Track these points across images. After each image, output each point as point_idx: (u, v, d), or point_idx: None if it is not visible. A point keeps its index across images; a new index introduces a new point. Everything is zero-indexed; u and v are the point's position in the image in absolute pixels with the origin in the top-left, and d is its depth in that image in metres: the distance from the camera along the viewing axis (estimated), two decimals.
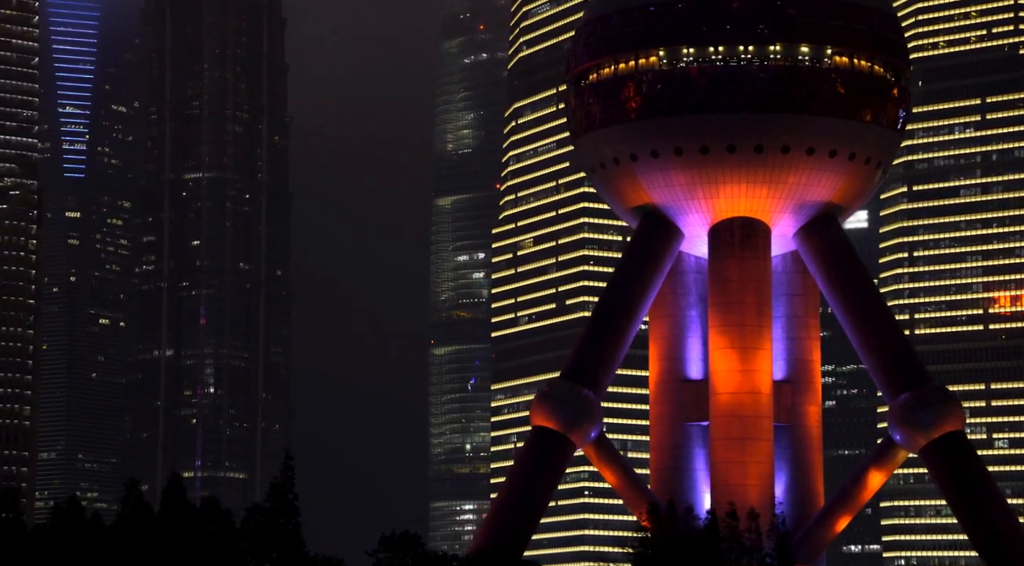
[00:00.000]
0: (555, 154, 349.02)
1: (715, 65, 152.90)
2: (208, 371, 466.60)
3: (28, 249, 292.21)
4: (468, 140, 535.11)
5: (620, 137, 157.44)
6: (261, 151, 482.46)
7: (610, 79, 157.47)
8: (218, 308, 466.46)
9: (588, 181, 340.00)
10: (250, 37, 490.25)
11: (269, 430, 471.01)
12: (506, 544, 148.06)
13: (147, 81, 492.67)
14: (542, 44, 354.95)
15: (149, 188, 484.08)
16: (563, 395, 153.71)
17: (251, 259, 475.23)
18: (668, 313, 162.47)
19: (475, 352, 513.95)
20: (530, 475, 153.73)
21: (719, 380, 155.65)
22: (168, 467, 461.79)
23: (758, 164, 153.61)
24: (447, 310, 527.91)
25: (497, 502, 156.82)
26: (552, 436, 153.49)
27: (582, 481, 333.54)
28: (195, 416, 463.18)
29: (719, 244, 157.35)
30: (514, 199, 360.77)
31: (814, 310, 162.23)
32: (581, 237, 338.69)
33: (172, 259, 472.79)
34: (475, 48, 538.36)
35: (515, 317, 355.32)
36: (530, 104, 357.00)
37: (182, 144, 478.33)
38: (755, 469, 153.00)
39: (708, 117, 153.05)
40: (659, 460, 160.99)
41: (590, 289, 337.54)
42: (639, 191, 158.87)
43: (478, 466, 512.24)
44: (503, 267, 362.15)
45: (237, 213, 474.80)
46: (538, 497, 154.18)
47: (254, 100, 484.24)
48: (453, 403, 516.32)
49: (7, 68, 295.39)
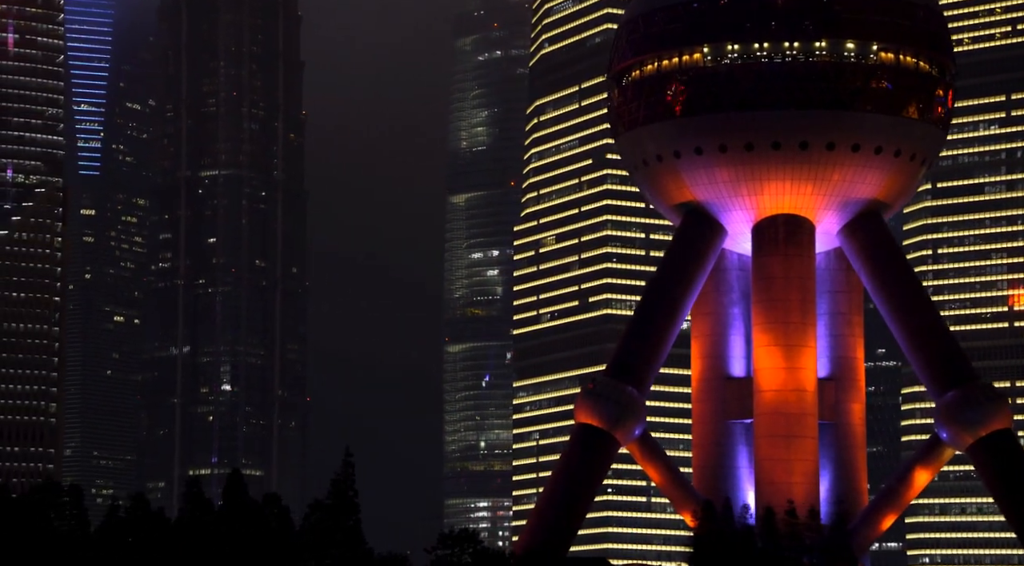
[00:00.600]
0: (577, 152, 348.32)
1: (760, 62, 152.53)
2: (224, 368, 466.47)
3: (53, 247, 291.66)
4: (482, 137, 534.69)
5: (663, 134, 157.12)
6: (277, 148, 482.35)
7: (653, 76, 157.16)
8: (234, 305, 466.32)
9: (611, 179, 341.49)
10: (266, 35, 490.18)
11: (285, 427, 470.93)
12: (551, 542, 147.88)
13: (163, 78, 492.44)
14: (564, 41, 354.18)
15: (165, 186, 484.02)
16: (607, 393, 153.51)
17: (267, 256, 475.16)
18: (710, 310, 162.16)
19: (490, 349, 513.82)
20: (575, 473, 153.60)
21: (763, 378, 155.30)
22: (185, 464, 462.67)
23: (803, 161, 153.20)
24: (461, 307, 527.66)
25: (542, 500, 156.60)
26: (596, 434, 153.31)
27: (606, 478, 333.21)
28: (211, 413, 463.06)
29: (763, 241, 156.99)
30: (536, 196, 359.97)
31: (857, 307, 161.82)
32: (604, 235, 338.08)
33: (188, 256, 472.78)
34: (489, 46, 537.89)
35: (537, 314, 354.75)
36: (552, 101, 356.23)
37: (198, 142, 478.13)
38: (800, 467, 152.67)
39: (753, 114, 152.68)
40: (702, 458, 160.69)
41: (613, 286, 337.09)
42: (682, 188, 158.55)
43: (493, 463, 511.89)
44: (525, 265, 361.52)
45: (253, 210, 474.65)
46: (583, 495, 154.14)
47: (270, 98, 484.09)
48: (468, 400, 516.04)
49: (32, 66, 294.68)
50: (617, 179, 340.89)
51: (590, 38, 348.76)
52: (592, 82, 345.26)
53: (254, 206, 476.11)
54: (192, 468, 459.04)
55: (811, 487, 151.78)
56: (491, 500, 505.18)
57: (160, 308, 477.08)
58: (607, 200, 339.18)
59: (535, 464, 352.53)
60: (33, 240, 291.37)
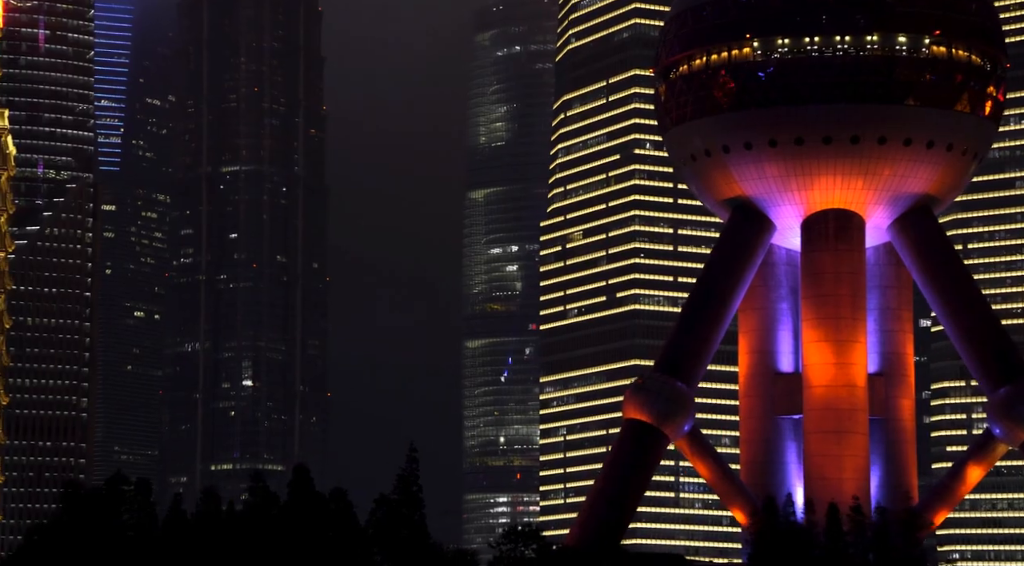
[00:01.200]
0: (605, 147, 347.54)
1: (810, 55, 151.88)
2: (246, 364, 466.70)
3: (84, 242, 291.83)
4: (501, 133, 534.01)
5: (712, 129, 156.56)
6: (298, 144, 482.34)
7: (702, 70, 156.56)
8: (255, 301, 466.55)
9: (639, 174, 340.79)
10: (286, 30, 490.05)
11: (306, 423, 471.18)
12: (602, 536, 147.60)
13: (184, 74, 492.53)
14: (591, 36, 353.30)
15: (186, 181, 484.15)
16: (656, 388, 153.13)
17: (288, 252, 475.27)
18: (758, 306, 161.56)
19: (509, 345, 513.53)
20: (624, 468, 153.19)
21: (813, 373, 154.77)
22: (206, 460, 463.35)
23: (854, 155, 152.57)
24: (480, 303, 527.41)
25: (592, 495, 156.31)
26: (646, 429, 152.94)
27: None
28: (233, 409, 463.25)
29: (812, 236, 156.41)
30: (563, 192, 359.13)
31: (907, 303, 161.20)
32: (632, 230, 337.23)
33: (210, 252, 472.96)
34: (508, 41, 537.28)
35: (564, 310, 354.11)
36: (579, 97, 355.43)
37: (219, 137, 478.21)
38: (851, 463, 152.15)
39: (803, 108, 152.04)
40: (750, 454, 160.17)
41: (641, 282, 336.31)
42: (731, 183, 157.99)
43: (512, 458, 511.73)
44: (551, 260, 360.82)
45: (274, 206, 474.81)
46: (633, 490, 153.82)
47: (291, 93, 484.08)
48: (486, 396, 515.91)
49: (63, 62, 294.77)
50: (645, 174, 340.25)
51: (617, 33, 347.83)
52: (620, 77, 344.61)
53: (275, 202, 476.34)
54: (214, 464, 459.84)
55: (862, 483, 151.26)
56: (511, 495, 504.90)
57: (182, 303, 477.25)
58: (635, 195, 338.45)
59: (563, 460, 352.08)
60: (64, 236, 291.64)
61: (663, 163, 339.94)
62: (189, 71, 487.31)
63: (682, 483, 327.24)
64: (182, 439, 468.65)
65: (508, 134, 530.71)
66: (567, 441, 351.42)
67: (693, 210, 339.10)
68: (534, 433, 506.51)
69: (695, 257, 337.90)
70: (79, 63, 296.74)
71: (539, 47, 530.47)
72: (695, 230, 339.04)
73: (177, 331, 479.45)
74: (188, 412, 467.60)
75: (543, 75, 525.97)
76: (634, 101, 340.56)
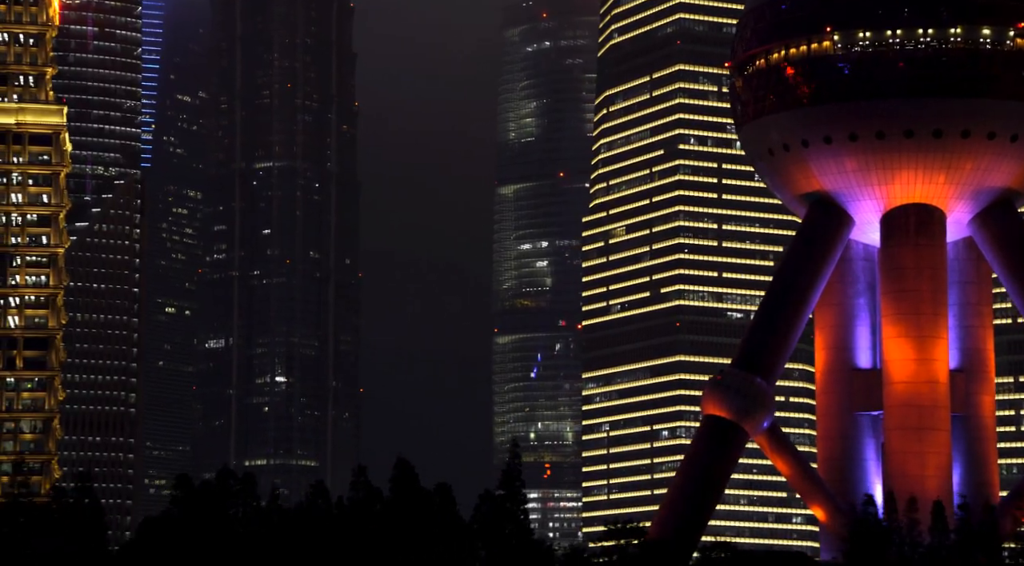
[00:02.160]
0: (648, 142, 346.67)
1: (892, 49, 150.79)
2: (279, 359, 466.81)
3: (132, 238, 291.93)
4: (531, 129, 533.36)
5: (791, 123, 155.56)
6: (331, 140, 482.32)
7: (780, 65, 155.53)
8: (288, 296, 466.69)
9: (683, 169, 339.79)
10: (319, 26, 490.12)
11: (339, 418, 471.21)
12: (682, 533, 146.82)
13: (217, 71, 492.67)
14: (634, 32, 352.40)
15: (219, 177, 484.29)
16: (735, 384, 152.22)
17: (321, 248, 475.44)
18: (836, 301, 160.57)
19: (538, 340, 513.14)
20: (704, 465, 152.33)
21: (894, 369, 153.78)
22: (240, 455, 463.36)
23: (936, 149, 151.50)
24: (510, 299, 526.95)
25: (671, 492, 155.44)
26: (725, 426, 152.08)
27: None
28: (266, 404, 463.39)
29: (892, 231, 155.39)
30: (605, 187, 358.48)
31: (988, 298, 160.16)
32: (676, 225, 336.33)
33: (243, 248, 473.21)
34: (538, 36, 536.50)
35: (606, 306, 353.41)
36: (621, 92, 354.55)
37: (252, 133, 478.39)
38: (933, 460, 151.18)
39: (885, 102, 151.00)
40: (827, 450, 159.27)
41: (685, 277, 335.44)
42: (809, 178, 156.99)
43: (543, 454, 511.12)
44: (593, 256, 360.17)
45: (307, 202, 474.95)
46: (712, 488, 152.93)
47: (323, 89, 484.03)
48: (516, 392, 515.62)
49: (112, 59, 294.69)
50: (689, 169, 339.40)
51: (661, 28, 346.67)
52: (664, 72, 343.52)
53: (308, 197, 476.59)
54: (247, 459, 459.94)
55: (944, 480, 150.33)
56: (541, 491, 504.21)
57: (215, 299, 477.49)
58: (679, 191, 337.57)
59: (605, 456, 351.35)
60: (112, 232, 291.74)
61: (707, 158, 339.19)
62: (222, 67, 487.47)
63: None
64: (215, 435, 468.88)
65: (538, 130, 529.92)
66: (610, 437, 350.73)
67: (737, 205, 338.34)
68: (564, 429, 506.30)
69: (739, 252, 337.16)
70: (127, 60, 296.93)
71: (569, 43, 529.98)
72: (739, 225, 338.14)
73: (210, 327, 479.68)
74: (221, 408, 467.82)
75: (573, 71, 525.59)
76: (678, 96, 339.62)
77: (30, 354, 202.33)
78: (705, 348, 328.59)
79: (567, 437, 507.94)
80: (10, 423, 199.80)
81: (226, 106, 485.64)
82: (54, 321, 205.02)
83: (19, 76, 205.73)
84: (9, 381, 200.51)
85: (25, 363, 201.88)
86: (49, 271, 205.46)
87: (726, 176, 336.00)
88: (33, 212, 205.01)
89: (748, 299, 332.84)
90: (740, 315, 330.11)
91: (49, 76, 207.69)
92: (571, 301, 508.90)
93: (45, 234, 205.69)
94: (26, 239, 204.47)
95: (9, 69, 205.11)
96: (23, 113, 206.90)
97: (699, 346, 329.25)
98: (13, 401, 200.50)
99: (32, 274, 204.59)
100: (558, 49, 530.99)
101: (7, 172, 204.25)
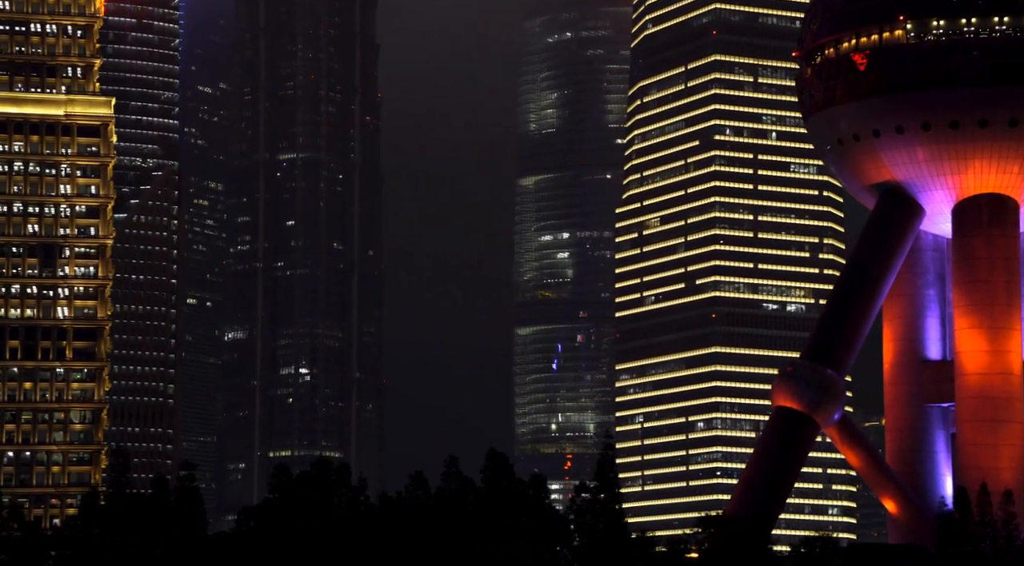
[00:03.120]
0: (684, 133, 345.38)
1: (966, 37, 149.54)
2: (303, 351, 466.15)
3: (170, 229, 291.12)
4: (551, 120, 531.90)
5: (861, 113, 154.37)
6: (354, 131, 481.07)
7: (851, 54, 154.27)
8: (312, 288, 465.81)
9: (719, 160, 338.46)
10: (343, 17, 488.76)
11: (363, 410, 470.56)
12: (752, 527, 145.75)
13: (240, 62, 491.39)
14: (669, 22, 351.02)
15: (243, 169, 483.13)
16: (807, 376, 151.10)
17: (344, 239, 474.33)
18: (905, 292, 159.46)
19: (559, 332, 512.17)
20: (775, 457, 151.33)
21: (967, 361, 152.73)
22: (264, 446, 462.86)
23: (1011, 138, 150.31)
24: (531, 290, 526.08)
25: (742, 484, 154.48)
26: (796, 417, 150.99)
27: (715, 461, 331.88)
28: (291, 396, 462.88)
29: (965, 221, 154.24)
30: (639, 178, 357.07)
31: None
32: (712, 217, 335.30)
33: (267, 239, 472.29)
34: (559, 27, 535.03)
35: (640, 297, 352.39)
36: (656, 83, 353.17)
37: (276, 125, 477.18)
38: (1007, 451, 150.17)
39: (959, 91, 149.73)
40: (897, 442, 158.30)
41: (721, 269, 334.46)
42: (880, 168, 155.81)
43: (565, 446, 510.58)
44: (627, 247, 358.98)
45: (331, 193, 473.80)
46: (783, 481, 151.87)
47: (347, 81, 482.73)
48: (537, 383, 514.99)
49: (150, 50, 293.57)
50: (725, 160, 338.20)
51: (697, 18, 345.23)
52: (699, 63, 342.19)
53: (332, 189, 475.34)
54: (272, 450, 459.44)
55: (1018, 472, 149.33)
56: (561, 482, 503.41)
57: (238, 291, 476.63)
58: (715, 182, 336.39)
59: (640, 447, 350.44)
60: (150, 223, 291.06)
61: (743, 149, 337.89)
62: (246, 59, 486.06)
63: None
64: (239, 425, 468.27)
65: (559, 121, 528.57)
66: (644, 429, 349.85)
67: (773, 196, 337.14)
68: (586, 420, 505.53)
69: (775, 243, 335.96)
70: (165, 51, 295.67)
71: (590, 34, 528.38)
72: (775, 216, 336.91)
73: (234, 318, 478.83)
74: (245, 399, 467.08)
75: (594, 62, 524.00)
76: (714, 87, 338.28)
77: (79, 345, 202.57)
78: (741, 339, 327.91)
79: (589, 428, 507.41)
80: (59, 413, 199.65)
81: (250, 97, 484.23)
82: (103, 312, 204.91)
83: (67, 68, 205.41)
84: (59, 371, 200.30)
85: (74, 353, 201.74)
86: (98, 262, 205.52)
87: (762, 167, 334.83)
88: (82, 203, 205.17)
89: (784, 290, 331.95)
90: (775, 306, 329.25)
91: (96, 68, 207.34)
92: (592, 292, 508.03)
93: (93, 225, 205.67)
94: (75, 230, 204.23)
95: (57, 61, 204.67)
96: (72, 105, 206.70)
97: (735, 337, 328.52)
98: (63, 391, 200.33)
99: (81, 265, 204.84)
100: (579, 40, 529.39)
101: (56, 164, 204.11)
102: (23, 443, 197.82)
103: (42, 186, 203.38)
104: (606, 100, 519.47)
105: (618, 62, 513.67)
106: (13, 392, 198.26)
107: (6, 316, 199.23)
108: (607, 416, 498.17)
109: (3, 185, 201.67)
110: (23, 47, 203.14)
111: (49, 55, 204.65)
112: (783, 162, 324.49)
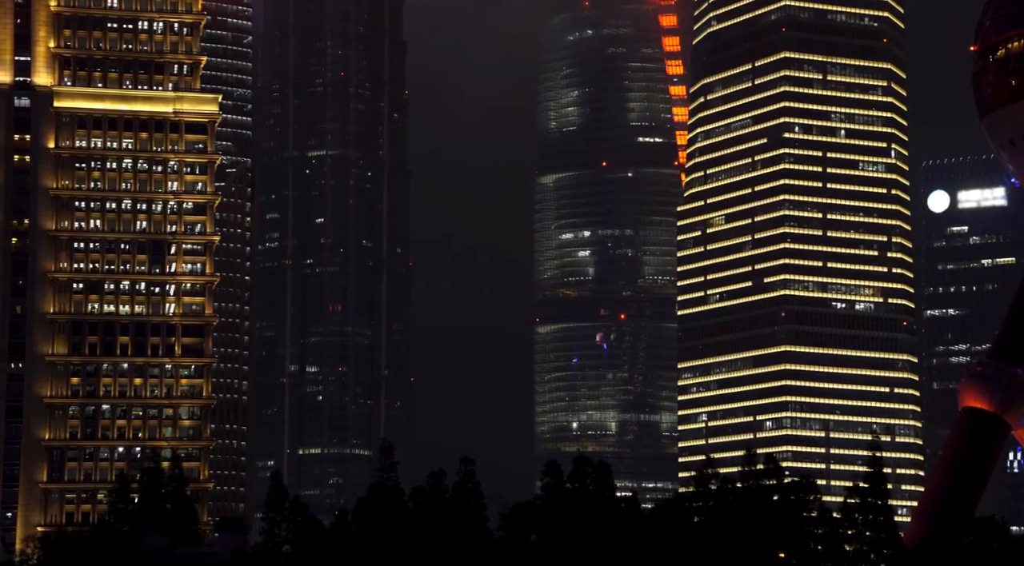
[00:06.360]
0: (750, 130, 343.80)
1: None
2: (332, 348, 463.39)
3: (244, 226, 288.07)
4: (572, 117, 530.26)
5: None
6: (382, 129, 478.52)
7: None
8: (342, 285, 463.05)
9: (788, 158, 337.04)
10: (371, 14, 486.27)
11: (391, 407, 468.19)
12: (946, 528, 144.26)
13: (269, 59, 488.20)
14: (735, 19, 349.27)
15: (272, 166, 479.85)
16: (996, 375, 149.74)
17: (373, 237, 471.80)
18: None
19: (580, 330, 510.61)
20: (966, 459, 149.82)
21: None
22: (294, 444, 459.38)
23: None
24: (551, 288, 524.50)
25: (932, 487, 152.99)
26: (986, 418, 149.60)
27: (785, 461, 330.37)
28: (320, 393, 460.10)
29: None
30: (702, 176, 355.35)
31: None
32: (781, 215, 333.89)
33: (296, 236, 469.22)
34: (580, 25, 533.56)
35: (704, 295, 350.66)
36: (720, 80, 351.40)
37: (305, 122, 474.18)
38: None
39: None
40: None
41: (791, 267, 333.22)
42: None
43: (586, 444, 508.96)
44: (689, 245, 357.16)
45: (360, 191, 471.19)
46: (975, 482, 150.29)
47: (375, 78, 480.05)
48: (558, 381, 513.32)
49: (223, 47, 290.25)
50: (793, 158, 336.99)
51: (765, 15, 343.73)
52: (767, 60, 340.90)
53: (361, 186, 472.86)
54: (302, 448, 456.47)
55: None
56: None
57: (268, 288, 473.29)
58: (784, 180, 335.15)
59: (704, 446, 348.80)
60: (224, 220, 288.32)
61: (812, 147, 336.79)
62: (275, 56, 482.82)
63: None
64: (268, 423, 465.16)
65: (579, 119, 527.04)
66: (708, 428, 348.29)
67: (842, 195, 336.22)
68: (608, 418, 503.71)
69: (844, 242, 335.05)
70: (237, 48, 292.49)
71: (611, 31, 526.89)
72: (844, 215, 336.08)
73: (264, 315, 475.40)
74: (274, 397, 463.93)
75: (615, 59, 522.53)
76: (783, 84, 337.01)
77: (188, 341, 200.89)
78: (810, 338, 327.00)
79: (611, 427, 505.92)
80: (168, 409, 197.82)
81: (279, 94, 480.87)
82: (210, 308, 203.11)
83: (174, 65, 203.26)
84: (167, 368, 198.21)
85: (183, 350, 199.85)
86: (205, 259, 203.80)
87: (831, 165, 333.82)
88: (189, 200, 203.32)
89: (852, 289, 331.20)
90: (844, 305, 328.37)
91: (202, 65, 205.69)
92: (613, 291, 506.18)
93: (200, 222, 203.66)
94: (183, 227, 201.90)
95: (165, 58, 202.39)
96: (180, 102, 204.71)
97: (804, 336, 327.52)
98: (172, 387, 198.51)
99: (189, 262, 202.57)
100: (600, 38, 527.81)
101: (164, 160, 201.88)
102: (133, 439, 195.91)
103: (151, 183, 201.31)
104: (627, 98, 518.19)
105: (640, 60, 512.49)
106: (124, 388, 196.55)
107: (116, 312, 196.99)
108: (628, 415, 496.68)
109: (113, 182, 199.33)
110: (131, 45, 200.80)
111: (157, 53, 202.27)
112: (852, 160, 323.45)
